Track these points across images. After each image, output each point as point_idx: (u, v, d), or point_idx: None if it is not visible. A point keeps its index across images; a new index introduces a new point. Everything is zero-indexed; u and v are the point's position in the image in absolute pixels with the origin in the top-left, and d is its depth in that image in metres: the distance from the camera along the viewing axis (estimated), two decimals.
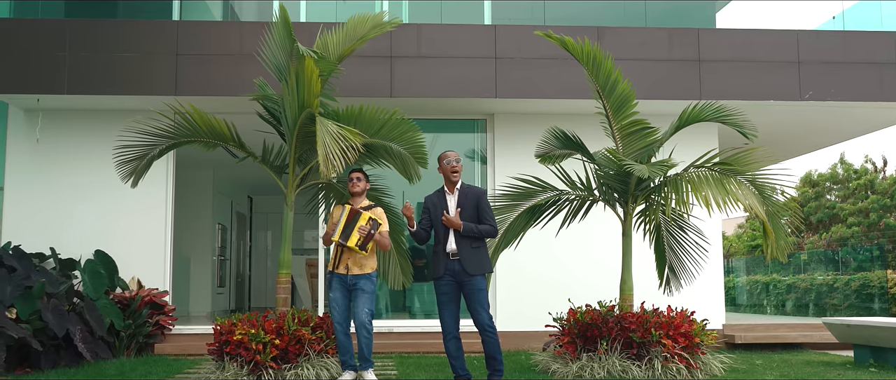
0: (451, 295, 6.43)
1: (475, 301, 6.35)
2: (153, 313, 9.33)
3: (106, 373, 7.60)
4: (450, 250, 6.40)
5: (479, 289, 6.38)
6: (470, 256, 6.39)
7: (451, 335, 6.45)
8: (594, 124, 8.27)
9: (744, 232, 29.59)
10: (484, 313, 6.34)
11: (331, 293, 6.79)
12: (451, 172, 6.51)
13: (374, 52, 9.41)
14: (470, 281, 6.35)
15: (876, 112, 10.73)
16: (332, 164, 6.47)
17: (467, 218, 6.44)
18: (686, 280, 8.15)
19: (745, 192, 7.02)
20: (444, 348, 6.50)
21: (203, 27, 9.90)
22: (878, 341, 8.23)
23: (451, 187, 6.55)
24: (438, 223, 6.47)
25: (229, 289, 15.98)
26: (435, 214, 6.51)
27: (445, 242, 6.41)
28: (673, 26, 10.18)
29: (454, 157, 6.56)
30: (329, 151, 6.49)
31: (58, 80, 9.32)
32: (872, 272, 15.12)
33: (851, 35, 10.40)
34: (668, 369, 6.99)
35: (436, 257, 6.49)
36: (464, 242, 6.39)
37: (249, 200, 18.14)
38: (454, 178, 6.51)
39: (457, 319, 6.47)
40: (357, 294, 6.71)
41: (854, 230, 23.65)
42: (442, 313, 6.47)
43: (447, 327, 6.45)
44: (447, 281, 6.40)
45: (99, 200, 9.82)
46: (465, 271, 6.34)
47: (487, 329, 6.35)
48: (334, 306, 6.74)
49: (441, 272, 6.40)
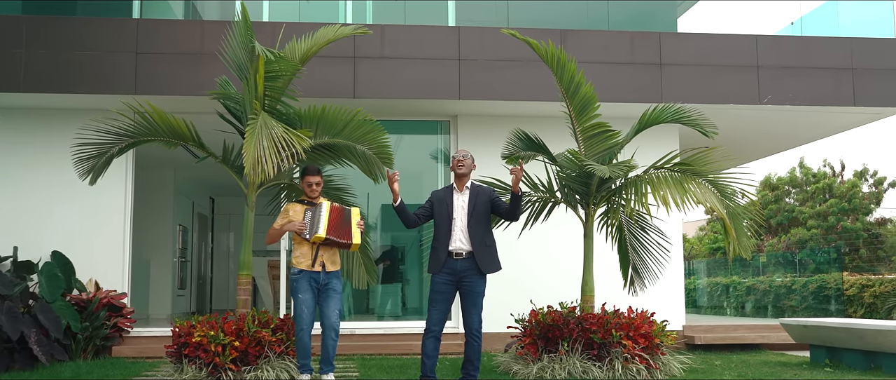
0: (445, 294, 6.39)
1: (471, 303, 6.36)
2: (111, 315, 9.19)
3: (61, 376, 7.47)
4: (453, 249, 6.37)
5: (479, 292, 6.40)
6: (484, 254, 6.39)
7: (432, 333, 6.38)
8: (557, 127, 8.32)
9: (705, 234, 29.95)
10: (477, 317, 6.36)
11: (300, 295, 6.57)
12: (456, 166, 6.52)
13: (337, 52, 9.36)
14: (470, 282, 6.35)
15: (833, 116, 10.92)
16: (262, 167, 6.37)
17: (480, 214, 6.45)
18: (649, 280, 8.23)
19: (704, 191, 7.10)
20: (422, 344, 6.41)
21: (164, 26, 9.77)
22: (834, 342, 8.37)
23: (461, 186, 6.54)
24: (442, 220, 6.45)
25: (190, 291, 15.80)
26: (439, 208, 6.49)
27: (448, 239, 6.39)
28: (635, 30, 10.28)
29: (460, 153, 6.58)
30: (261, 154, 6.40)
31: (14, 78, 9.14)
32: (829, 274, 15.37)
33: (809, 40, 10.57)
34: (629, 369, 7.05)
35: (434, 253, 6.46)
36: (477, 241, 6.37)
37: (211, 201, 17.96)
38: (460, 170, 6.50)
39: (444, 318, 6.43)
40: (329, 295, 6.61)
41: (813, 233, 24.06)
42: (431, 309, 6.40)
43: (432, 324, 6.37)
44: (445, 279, 6.37)
45: (56, 201, 9.65)
46: (477, 270, 6.34)
47: (475, 333, 6.36)
48: (305, 307, 6.55)
49: (439, 268, 6.38)
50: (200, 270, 16.92)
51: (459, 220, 6.44)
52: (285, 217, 6.75)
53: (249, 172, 6.41)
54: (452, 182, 6.63)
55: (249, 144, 6.45)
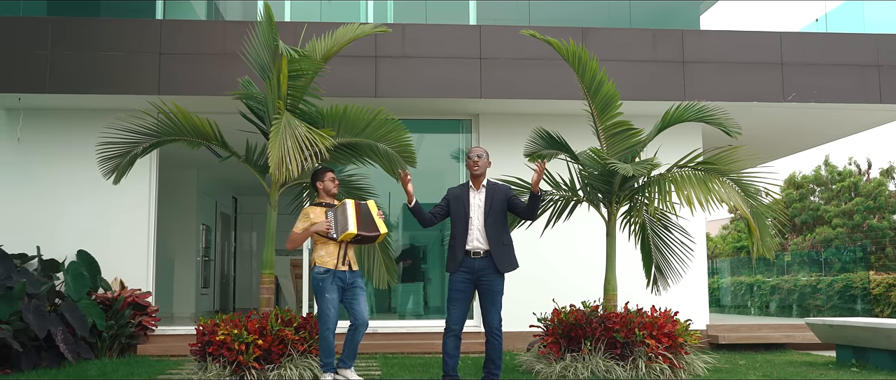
0: (464, 292, 6.36)
1: (490, 302, 6.34)
2: (136, 313, 9.27)
3: (87, 374, 7.54)
4: (470, 248, 6.35)
5: (498, 290, 6.36)
6: (501, 253, 6.36)
7: (453, 332, 6.34)
8: (579, 125, 8.28)
9: (729, 233, 29.72)
10: (496, 315, 6.34)
11: (328, 295, 6.56)
12: (471, 166, 6.49)
13: (359, 52, 9.38)
14: (489, 281, 6.32)
15: (858, 114, 10.79)
16: (286, 167, 6.40)
17: (497, 212, 6.42)
18: (673, 279, 8.17)
19: (728, 191, 7.04)
20: (442, 344, 6.39)
21: (187, 26, 9.84)
22: (860, 342, 8.27)
23: (477, 184, 6.51)
24: (459, 219, 6.42)
25: (214, 290, 15.91)
26: (455, 207, 6.46)
27: (465, 238, 6.36)
28: (657, 28, 10.22)
29: (475, 153, 6.52)
30: (286, 154, 6.42)
31: (39, 78, 9.25)
32: (855, 273, 15.20)
33: (834, 37, 10.46)
34: (652, 369, 7.00)
35: (451, 252, 6.44)
36: (494, 239, 6.35)
37: (234, 201, 18.07)
38: (476, 170, 6.46)
39: (464, 317, 6.39)
40: (357, 292, 6.66)
41: (838, 232, 23.80)
42: (450, 308, 6.37)
43: (452, 323, 6.34)
44: (463, 278, 6.35)
45: (82, 201, 9.75)
46: (494, 269, 6.31)
47: (495, 332, 6.34)
48: (331, 306, 6.56)
49: (456, 267, 6.36)
50: (224, 269, 17.02)
51: (476, 218, 6.41)
52: (307, 220, 6.73)
53: (274, 171, 6.44)
54: (468, 180, 6.61)
55: (274, 143, 6.48)
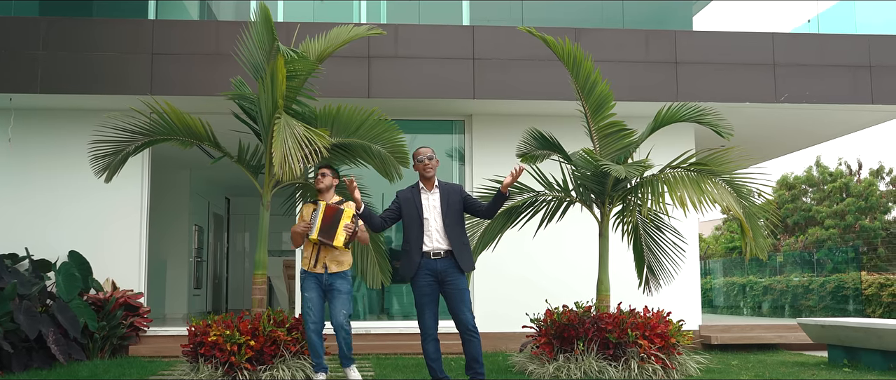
0: (431, 295, 6.18)
1: (458, 301, 6.10)
2: (128, 314, 9.24)
3: (79, 375, 7.51)
4: (429, 249, 6.15)
5: (463, 288, 6.15)
6: (463, 252, 6.18)
7: (430, 337, 6.21)
8: (571, 126, 8.29)
9: (721, 234, 29.80)
10: (467, 313, 6.11)
11: (305, 293, 6.64)
12: (422, 170, 6.27)
13: (352, 52, 9.37)
14: (453, 280, 6.12)
15: (850, 115, 10.83)
16: (289, 166, 6.40)
17: (455, 212, 6.25)
18: (665, 280, 8.18)
19: (721, 192, 7.05)
20: (423, 350, 6.27)
21: (179, 26, 9.82)
22: (852, 342, 8.30)
23: (429, 185, 6.30)
24: (413, 221, 6.22)
25: (206, 290, 15.87)
26: (408, 210, 6.25)
27: (421, 241, 6.17)
28: (650, 29, 10.23)
29: (425, 154, 6.29)
30: (288, 153, 6.42)
31: (31, 78, 9.21)
32: (847, 274, 15.24)
33: (826, 38, 10.49)
34: (645, 369, 7.01)
35: (407, 256, 6.23)
36: (455, 238, 6.16)
37: (227, 201, 18.03)
38: (428, 173, 6.26)
39: (437, 319, 6.25)
40: (334, 295, 6.62)
41: (830, 233, 23.89)
42: (422, 313, 6.21)
43: (427, 329, 6.20)
44: (427, 281, 6.15)
45: (74, 202, 9.72)
46: (457, 268, 6.13)
47: (470, 331, 6.11)
48: (310, 306, 6.60)
49: (414, 272, 6.17)
50: (216, 269, 16.98)
51: (433, 219, 6.20)
52: (300, 218, 6.84)
53: (278, 171, 6.43)
54: (418, 181, 6.36)
55: (276, 143, 6.47)
